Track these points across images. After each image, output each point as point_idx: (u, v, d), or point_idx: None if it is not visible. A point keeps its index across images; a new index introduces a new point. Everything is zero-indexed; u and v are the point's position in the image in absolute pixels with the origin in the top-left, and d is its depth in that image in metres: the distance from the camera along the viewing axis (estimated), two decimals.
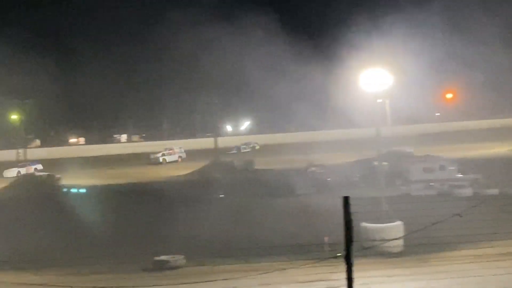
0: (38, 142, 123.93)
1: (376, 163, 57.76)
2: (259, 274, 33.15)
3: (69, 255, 44.84)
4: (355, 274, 16.45)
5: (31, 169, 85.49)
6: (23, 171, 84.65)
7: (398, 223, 43.72)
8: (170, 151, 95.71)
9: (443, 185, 58.97)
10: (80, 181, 78.60)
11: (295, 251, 39.91)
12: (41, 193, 66.84)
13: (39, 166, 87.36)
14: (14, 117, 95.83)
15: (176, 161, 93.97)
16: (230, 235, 46.65)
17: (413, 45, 63.43)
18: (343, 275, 16.51)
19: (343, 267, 16.42)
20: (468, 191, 57.15)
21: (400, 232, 42.17)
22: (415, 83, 68.02)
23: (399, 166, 63.18)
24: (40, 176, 78.35)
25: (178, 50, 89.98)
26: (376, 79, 52.02)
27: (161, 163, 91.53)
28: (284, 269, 34.02)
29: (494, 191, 56.46)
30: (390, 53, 54.53)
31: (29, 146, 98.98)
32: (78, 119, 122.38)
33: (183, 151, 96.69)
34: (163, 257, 43.69)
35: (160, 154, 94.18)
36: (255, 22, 79.80)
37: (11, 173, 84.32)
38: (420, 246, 40.32)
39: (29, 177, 77.62)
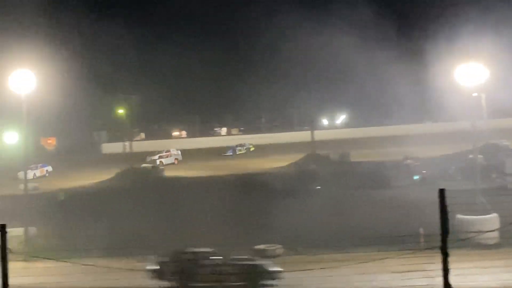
0: (143, 135, 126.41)
1: (471, 156, 56.90)
2: (356, 263, 33.14)
3: (172, 242, 45.84)
4: (451, 265, 16.40)
5: (43, 171, 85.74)
6: (37, 173, 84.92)
7: (494, 215, 42.99)
8: (167, 153, 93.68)
9: None
10: (182, 172, 79.94)
11: (391, 241, 39.73)
12: (147, 183, 68.33)
13: (49, 168, 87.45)
14: (121, 111, 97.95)
15: (173, 163, 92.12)
16: (327, 225, 46.67)
17: (509, 38, 62.07)
18: (439, 266, 16.47)
19: (439, 258, 16.38)
20: None
21: (496, 224, 41.46)
22: (511, 76, 66.50)
23: (495, 159, 61.98)
24: (146, 167, 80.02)
25: (277, 45, 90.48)
26: (472, 73, 51.21)
27: (158, 165, 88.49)
28: (381, 259, 33.91)
29: None
30: (485, 47, 53.49)
31: (134, 139, 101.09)
32: (181, 113, 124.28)
33: (179, 153, 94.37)
34: (262, 246, 44.07)
35: (157, 157, 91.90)
36: (351, 18, 79.51)
37: (28, 175, 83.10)
38: None
39: (135, 168, 79.35)
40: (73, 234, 50.42)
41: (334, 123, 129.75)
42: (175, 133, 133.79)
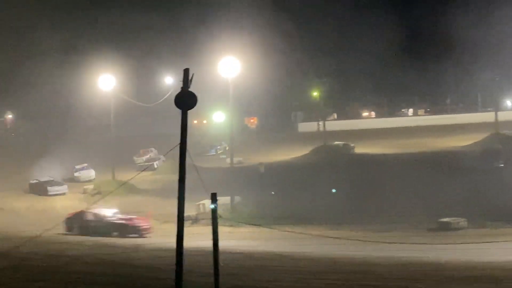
0: (335, 115, 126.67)
1: None
2: None
3: (360, 214, 46.18)
4: None
5: (91, 171, 77.81)
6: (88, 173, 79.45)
7: None
8: (148, 155, 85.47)
9: None
10: (371, 149, 79.63)
11: None
12: (338, 159, 68.72)
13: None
14: (315, 94, 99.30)
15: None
16: (508, 202, 45.09)
17: None
18: None
19: None
20: None
21: None
22: None
23: None
24: (337, 144, 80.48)
25: (463, 28, 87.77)
26: None
27: (156, 168, 79.04)
28: None
29: None
30: None
31: (327, 119, 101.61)
32: (371, 95, 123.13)
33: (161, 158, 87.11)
34: (446, 219, 43.53)
35: (144, 159, 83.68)
36: None
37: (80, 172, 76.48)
38: None
39: (328, 146, 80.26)
40: (271, 203, 51.88)
41: None
42: (365, 114, 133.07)
